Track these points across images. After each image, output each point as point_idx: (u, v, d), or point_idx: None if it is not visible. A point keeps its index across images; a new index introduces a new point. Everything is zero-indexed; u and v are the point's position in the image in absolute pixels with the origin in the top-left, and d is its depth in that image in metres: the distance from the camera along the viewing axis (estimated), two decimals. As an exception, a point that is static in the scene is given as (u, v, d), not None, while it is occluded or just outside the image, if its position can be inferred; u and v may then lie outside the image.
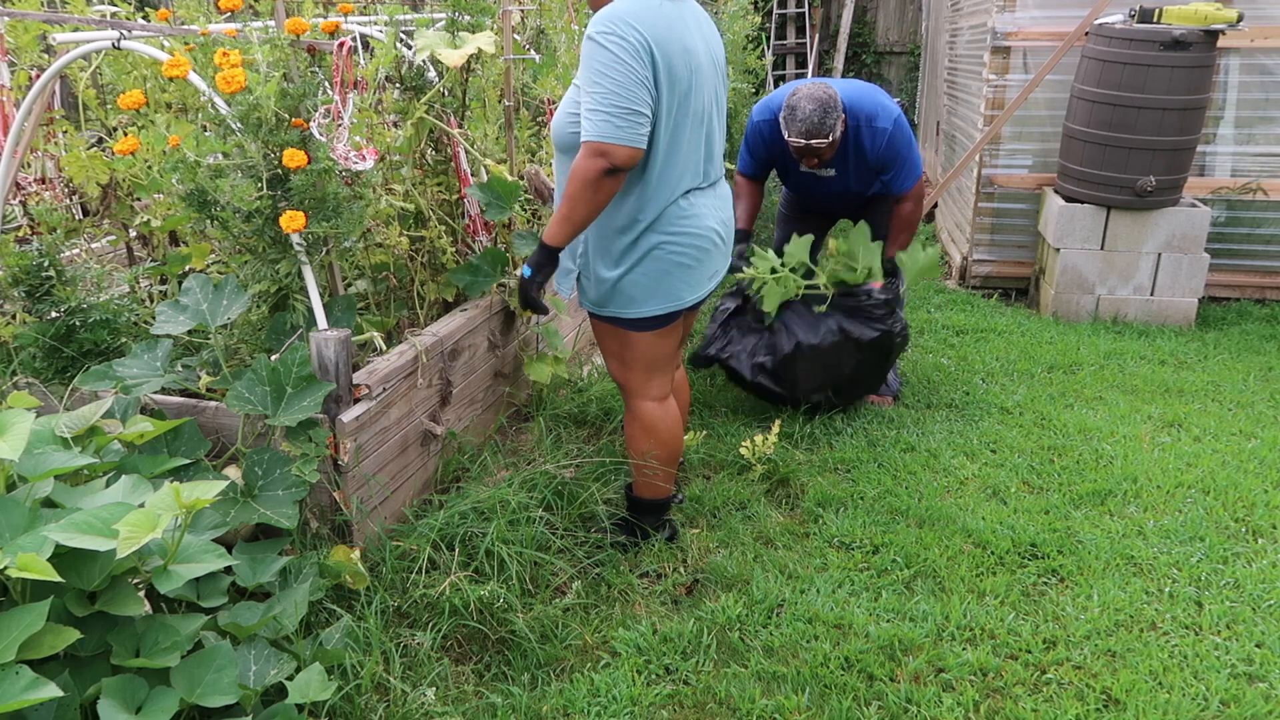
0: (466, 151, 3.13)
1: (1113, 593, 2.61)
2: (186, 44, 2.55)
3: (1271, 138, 4.89)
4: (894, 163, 3.48)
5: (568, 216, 2.29)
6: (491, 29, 3.13)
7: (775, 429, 3.23)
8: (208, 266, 2.81)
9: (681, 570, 2.74)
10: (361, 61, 2.59)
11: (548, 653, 2.35)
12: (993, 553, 2.79)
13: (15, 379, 2.49)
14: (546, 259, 2.39)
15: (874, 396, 3.81)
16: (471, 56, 3.05)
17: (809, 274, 3.57)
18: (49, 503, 1.85)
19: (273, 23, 2.52)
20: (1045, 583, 2.69)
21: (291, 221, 2.24)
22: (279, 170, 2.34)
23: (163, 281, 3.03)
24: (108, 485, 1.93)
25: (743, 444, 3.21)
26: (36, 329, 2.53)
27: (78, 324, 2.55)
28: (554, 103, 3.76)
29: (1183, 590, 2.63)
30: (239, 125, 2.33)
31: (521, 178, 3.40)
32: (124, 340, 2.62)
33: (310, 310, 2.41)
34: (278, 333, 2.44)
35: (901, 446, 3.44)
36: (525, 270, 2.44)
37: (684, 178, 2.39)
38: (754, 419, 3.62)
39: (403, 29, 3.13)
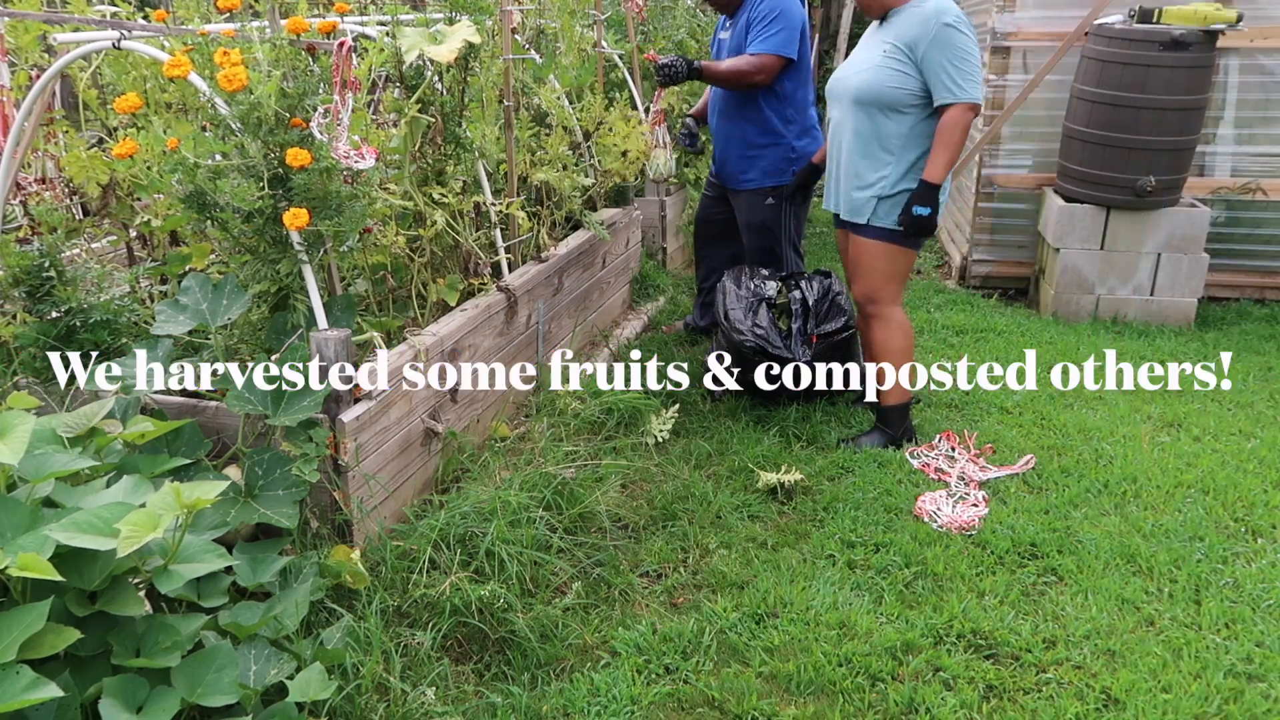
0: (463, 151, 3.13)
1: (1112, 592, 2.61)
2: (186, 44, 2.55)
3: (1271, 138, 4.88)
4: (761, 18, 3.67)
5: (949, 161, 3.05)
6: (491, 28, 3.13)
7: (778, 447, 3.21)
8: (208, 266, 2.81)
9: (682, 570, 2.74)
10: (355, 62, 2.59)
11: (548, 652, 2.35)
12: (992, 552, 2.79)
13: (15, 379, 2.49)
14: (930, 193, 3.08)
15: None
16: (469, 55, 3.05)
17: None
18: (49, 502, 1.85)
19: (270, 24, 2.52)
20: (1045, 582, 2.69)
21: (295, 219, 2.24)
22: (280, 170, 2.34)
23: (163, 281, 3.03)
24: (108, 485, 1.93)
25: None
26: (37, 329, 2.53)
27: (78, 324, 2.55)
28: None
29: (1182, 590, 2.63)
30: (239, 125, 2.33)
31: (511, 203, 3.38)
32: (124, 340, 2.62)
33: (310, 310, 2.42)
34: (278, 333, 2.45)
35: (901, 446, 3.44)
36: (923, 210, 3.08)
37: None
38: (755, 418, 3.62)
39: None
